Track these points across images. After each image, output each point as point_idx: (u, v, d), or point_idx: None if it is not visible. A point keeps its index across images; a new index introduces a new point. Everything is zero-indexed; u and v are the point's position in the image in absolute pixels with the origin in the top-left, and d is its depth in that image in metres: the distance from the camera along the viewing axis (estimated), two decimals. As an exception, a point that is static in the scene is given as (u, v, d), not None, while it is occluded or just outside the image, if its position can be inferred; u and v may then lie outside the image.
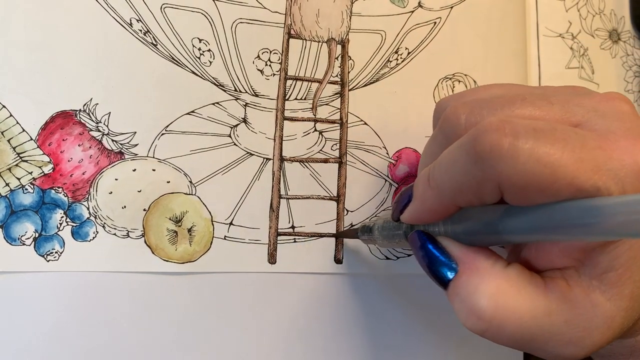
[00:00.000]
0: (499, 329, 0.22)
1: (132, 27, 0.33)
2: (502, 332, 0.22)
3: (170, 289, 0.33)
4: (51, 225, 0.31)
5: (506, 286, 0.22)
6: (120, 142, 0.33)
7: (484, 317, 0.22)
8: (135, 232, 0.32)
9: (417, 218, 0.25)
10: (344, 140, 0.36)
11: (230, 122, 0.35)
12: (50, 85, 0.32)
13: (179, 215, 0.33)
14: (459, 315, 0.23)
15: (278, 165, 0.35)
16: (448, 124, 0.24)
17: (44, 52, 0.32)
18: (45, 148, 0.32)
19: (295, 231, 0.35)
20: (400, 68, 0.37)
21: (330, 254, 0.35)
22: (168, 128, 0.33)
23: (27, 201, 0.31)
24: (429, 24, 0.37)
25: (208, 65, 0.34)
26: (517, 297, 0.22)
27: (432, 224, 0.25)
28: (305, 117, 0.36)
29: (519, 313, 0.22)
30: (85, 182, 0.32)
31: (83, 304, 0.32)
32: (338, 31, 0.36)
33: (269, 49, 0.35)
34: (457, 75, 0.37)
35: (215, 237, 0.34)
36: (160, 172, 0.33)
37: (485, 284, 0.22)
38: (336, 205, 0.36)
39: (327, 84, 0.36)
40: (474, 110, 0.23)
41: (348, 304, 0.36)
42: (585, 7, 0.44)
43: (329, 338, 0.35)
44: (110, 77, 0.33)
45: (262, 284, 0.34)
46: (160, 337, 0.33)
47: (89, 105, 0.32)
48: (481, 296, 0.22)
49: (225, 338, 0.34)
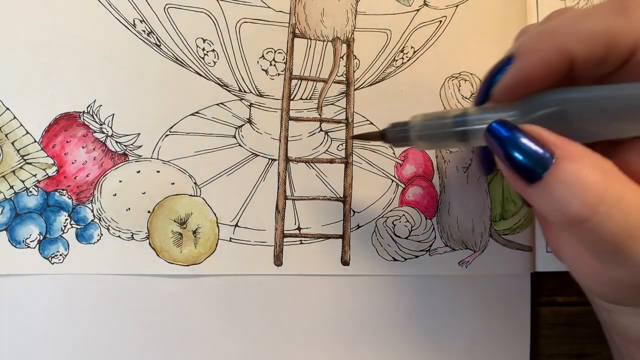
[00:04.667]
0: (605, 217, 0.20)
1: (135, 27, 0.33)
2: (607, 222, 0.21)
3: (175, 291, 0.33)
4: (55, 227, 0.31)
5: (612, 174, 0.21)
6: (124, 144, 0.32)
7: (591, 203, 0.20)
8: (139, 234, 0.32)
9: (522, 79, 0.23)
10: (349, 140, 0.36)
11: (235, 122, 0.34)
12: (54, 87, 0.32)
13: (183, 217, 0.33)
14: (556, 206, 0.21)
15: (283, 166, 0.35)
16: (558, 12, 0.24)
17: (48, 54, 0.32)
18: (49, 150, 0.31)
19: (302, 233, 0.35)
20: (406, 67, 0.37)
21: (337, 256, 0.35)
22: (172, 129, 0.33)
23: (32, 204, 0.31)
24: (435, 23, 0.37)
25: (212, 65, 0.34)
26: (625, 187, 0.21)
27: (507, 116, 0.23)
28: (311, 117, 0.35)
29: (627, 200, 0.20)
30: (89, 184, 0.32)
31: (87, 307, 0.32)
32: (343, 30, 0.36)
33: (274, 48, 0.35)
34: (464, 74, 0.37)
35: (220, 239, 0.33)
36: (164, 174, 0.33)
37: (593, 169, 0.21)
38: (342, 206, 0.35)
39: (333, 83, 0.36)
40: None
41: (355, 306, 0.35)
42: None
43: (336, 340, 0.35)
44: (114, 78, 0.32)
45: (268, 287, 0.34)
46: (166, 340, 0.33)
47: (92, 107, 0.32)
48: (589, 181, 0.20)
49: (231, 341, 0.34)
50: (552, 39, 0.22)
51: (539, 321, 0.38)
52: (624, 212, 0.20)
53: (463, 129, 0.25)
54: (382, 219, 0.36)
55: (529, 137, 0.22)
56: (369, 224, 0.36)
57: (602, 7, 0.21)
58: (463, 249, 0.36)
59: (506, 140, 0.22)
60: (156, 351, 0.32)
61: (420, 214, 0.36)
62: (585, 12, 0.22)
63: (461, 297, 0.37)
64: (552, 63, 0.22)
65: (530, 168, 0.21)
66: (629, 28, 0.20)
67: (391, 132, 0.28)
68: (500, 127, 0.22)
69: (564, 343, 0.38)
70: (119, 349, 0.32)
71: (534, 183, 0.22)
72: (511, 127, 0.22)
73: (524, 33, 0.27)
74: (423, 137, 0.27)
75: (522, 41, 0.23)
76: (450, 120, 0.25)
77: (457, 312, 0.37)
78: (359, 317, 0.35)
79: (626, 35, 0.20)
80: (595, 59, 0.21)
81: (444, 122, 0.26)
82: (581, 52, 0.21)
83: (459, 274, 0.36)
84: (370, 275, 0.35)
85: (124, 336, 0.32)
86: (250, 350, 0.34)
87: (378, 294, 0.36)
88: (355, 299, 0.35)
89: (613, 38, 0.21)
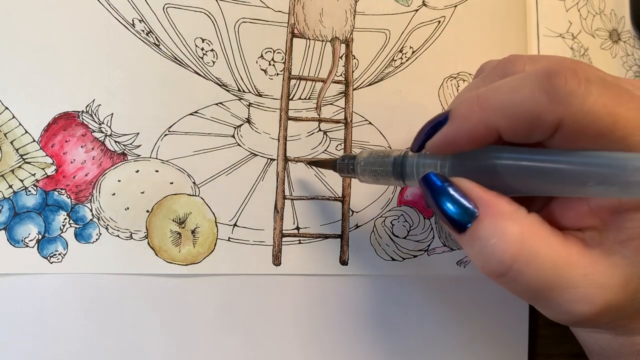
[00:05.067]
0: (518, 273, 0.22)
1: (134, 27, 0.33)
2: (521, 278, 0.22)
3: (173, 291, 0.33)
4: (54, 227, 0.31)
5: (530, 232, 0.22)
6: (123, 143, 0.32)
7: (505, 261, 0.22)
8: (138, 233, 0.32)
9: (450, 142, 0.24)
10: (348, 140, 0.36)
11: (233, 122, 0.34)
12: (53, 87, 0.32)
13: (182, 217, 0.33)
14: (477, 258, 0.23)
15: (282, 165, 0.35)
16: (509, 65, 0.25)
17: (47, 53, 0.32)
18: (48, 150, 0.31)
19: (300, 232, 0.35)
20: (405, 67, 0.37)
21: (336, 255, 0.35)
22: (171, 129, 0.33)
23: (30, 203, 0.31)
24: (433, 23, 0.37)
25: (211, 65, 0.34)
26: (540, 244, 0.22)
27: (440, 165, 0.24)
28: (310, 117, 0.35)
29: (541, 259, 0.22)
30: (88, 184, 0.32)
31: (86, 306, 0.31)
32: (342, 30, 0.36)
33: (273, 48, 0.35)
34: (462, 74, 0.37)
35: (219, 238, 0.33)
36: (163, 173, 0.33)
37: (510, 227, 0.22)
38: (341, 205, 0.35)
39: (332, 83, 0.36)
40: (534, 60, 0.24)
41: (354, 306, 0.35)
42: (586, 7, 0.44)
43: (334, 340, 0.35)
44: (113, 78, 0.32)
45: (267, 286, 0.34)
46: (164, 339, 0.33)
47: (91, 107, 0.32)
48: (505, 240, 0.22)
49: (230, 340, 0.34)
50: (481, 110, 0.23)
51: (537, 321, 0.38)
52: (537, 269, 0.22)
53: (400, 171, 0.27)
54: (380, 219, 0.36)
55: (458, 190, 0.23)
56: (368, 223, 0.36)
57: (531, 80, 0.21)
58: (461, 248, 0.36)
59: (438, 190, 0.24)
60: (155, 350, 0.32)
61: (418, 214, 0.36)
62: (515, 83, 0.22)
63: (459, 296, 0.37)
64: (479, 133, 0.23)
65: (457, 219, 0.23)
66: (552, 108, 0.21)
67: (340, 163, 0.31)
68: (434, 178, 0.24)
69: (562, 343, 0.38)
70: (118, 348, 0.32)
71: (460, 233, 0.23)
72: (443, 179, 0.24)
73: (482, 70, 0.28)
74: (366, 172, 0.29)
75: (456, 105, 0.24)
76: (391, 160, 0.27)
77: (455, 311, 0.37)
78: (357, 317, 0.35)
79: (550, 115, 0.21)
80: (520, 134, 0.22)
81: (385, 161, 0.27)
82: (507, 128, 0.22)
83: (457, 274, 0.37)
84: (368, 275, 0.36)
85: (122, 335, 0.32)
86: (249, 350, 0.34)
87: (376, 294, 0.36)
88: (354, 298, 0.35)
89: (537, 117, 0.21)
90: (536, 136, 0.22)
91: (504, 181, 0.22)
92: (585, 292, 0.22)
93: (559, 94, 0.20)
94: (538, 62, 0.24)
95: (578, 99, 0.20)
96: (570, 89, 0.20)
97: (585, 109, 0.20)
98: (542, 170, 0.21)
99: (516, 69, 0.25)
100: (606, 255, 0.22)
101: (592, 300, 0.22)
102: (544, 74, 0.21)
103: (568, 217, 0.24)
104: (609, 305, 0.22)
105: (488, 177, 0.23)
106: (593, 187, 0.20)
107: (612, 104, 0.20)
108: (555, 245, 0.22)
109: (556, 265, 0.22)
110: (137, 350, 0.32)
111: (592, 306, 0.22)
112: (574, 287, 0.22)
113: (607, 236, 0.22)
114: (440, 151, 0.25)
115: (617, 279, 0.22)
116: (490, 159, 0.23)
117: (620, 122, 0.20)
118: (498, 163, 0.22)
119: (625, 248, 0.22)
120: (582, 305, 0.22)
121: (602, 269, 0.22)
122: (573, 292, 0.22)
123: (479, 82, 0.26)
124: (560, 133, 0.21)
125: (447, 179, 0.24)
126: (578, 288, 0.22)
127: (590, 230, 0.23)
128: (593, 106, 0.20)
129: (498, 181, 0.23)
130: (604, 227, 0.22)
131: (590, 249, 0.22)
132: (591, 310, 0.22)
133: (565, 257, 0.22)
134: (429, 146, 0.25)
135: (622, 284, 0.22)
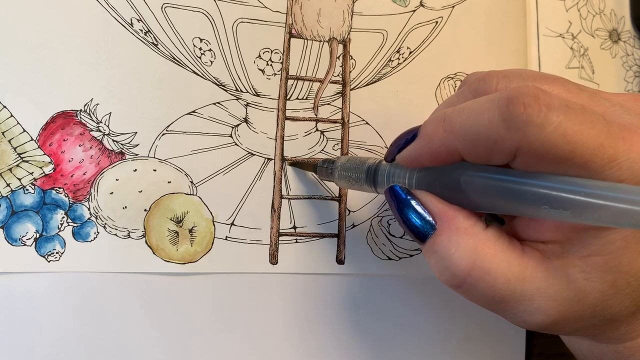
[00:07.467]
0: (472, 287, 0.23)
1: (132, 27, 0.33)
2: (475, 290, 0.23)
3: (171, 289, 0.33)
4: (52, 225, 0.31)
5: (484, 247, 0.23)
6: (121, 143, 0.33)
7: (459, 275, 0.23)
8: (136, 232, 0.32)
9: (416, 158, 0.25)
10: (345, 140, 0.36)
11: (231, 122, 0.34)
12: (51, 86, 0.32)
13: (180, 216, 0.33)
14: (435, 269, 0.24)
15: (279, 165, 0.35)
16: (481, 83, 0.25)
17: (45, 52, 0.32)
18: (46, 148, 0.32)
19: (297, 231, 0.35)
20: (402, 67, 0.37)
21: (332, 255, 0.35)
22: (169, 128, 0.33)
23: (28, 202, 0.31)
24: (431, 24, 0.37)
25: (209, 65, 0.34)
26: (493, 260, 0.23)
27: (409, 177, 0.25)
28: (307, 117, 0.36)
29: (493, 275, 0.23)
30: (86, 183, 0.32)
31: (84, 305, 0.32)
32: (339, 30, 0.36)
33: (270, 48, 0.35)
34: (459, 75, 0.37)
35: (216, 237, 0.34)
36: (161, 173, 0.33)
37: (464, 243, 0.23)
38: (338, 205, 0.36)
39: (329, 83, 0.36)
40: (509, 77, 0.24)
41: (350, 305, 0.36)
42: (586, 7, 0.44)
43: (331, 339, 0.35)
44: (111, 77, 0.32)
45: (264, 285, 0.34)
46: (161, 338, 0.33)
47: (89, 106, 0.32)
48: (459, 256, 0.23)
49: (227, 339, 0.34)
50: (444, 132, 0.23)
51: (533, 321, 0.39)
52: (490, 284, 0.23)
53: (373, 179, 0.28)
54: (377, 218, 0.36)
55: (419, 204, 0.24)
56: (364, 223, 0.36)
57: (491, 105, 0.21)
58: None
59: (401, 202, 0.25)
60: (152, 349, 0.33)
61: (415, 214, 0.36)
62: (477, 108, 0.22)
63: (456, 295, 0.37)
64: (442, 154, 0.23)
65: (417, 231, 0.24)
66: (510, 135, 0.21)
67: (320, 167, 0.32)
68: (399, 190, 0.25)
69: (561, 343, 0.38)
70: (116, 347, 0.32)
71: (421, 243, 0.24)
72: (407, 192, 0.25)
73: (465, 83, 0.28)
74: (342, 177, 0.30)
75: (425, 123, 0.25)
76: (365, 168, 0.28)
77: (451, 310, 0.37)
78: (353, 315, 0.36)
79: (507, 142, 0.21)
80: (480, 157, 0.22)
81: (359, 168, 0.29)
82: (466, 151, 0.22)
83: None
84: (365, 274, 0.36)
85: (120, 334, 0.32)
86: (246, 349, 0.34)
87: (373, 293, 0.36)
88: (350, 297, 0.35)
89: (494, 143, 0.21)
90: (496, 160, 0.22)
91: (467, 197, 0.23)
92: (539, 304, 0.23)
93: (516, 122, 0.20)
94: (512, 81, 0.24)
95: (535, 128, 0.20)
96: (527, 118, 0.20)
97: (541, 138, 0.20)
98: (502, 190, 0.22)
99: (487, 88, 0.25)
100: (563, 269, 0.22)
101: (546, 311, 0.23)
102: (504, 100, 0.21)
103: (534, 229, 0.24)
104: (565, 317, 0.23)
105: (453, 192, 0.24)
106: (547, 210, 0.20)
107: (571, 132, 0.20)
108: (510, 260, 0.23)
109: (509, 281, 0.22)
110: (135, 349, 0.32)
111: (547, 317, 0.23)
112: (528, 300, 0.23)
113: (569, 250, 0.22)
114: (408, 165, 0.26)
115: (572, 293, 0.22)
116: (455, 175, 0.23)
117: (578, 150, 0.20)
118: (462, 180, 0.23)
119: (585, 263, 0.22)
120: (537, 316, 0.23)
121: (555, 283, 0.22)
122: (527, 304, 0.23)
123: (454, 98, 0.26)
124: (519, 158, 0.21)
125: (410, 192, 0.25)
126: (532, 300, 0.23)
127: (553, 243, 0.23)
128: (550, 135, 0.20)
129: (462, 197, 0.23)
130: (567, 242, 0.23)
131: (547, 262, 0.23)
132: (546, 321, 0.23)
133: (519, 273, 0.23)
134: (398, 159, 0.26)
135: (577, 297, 0.22)
